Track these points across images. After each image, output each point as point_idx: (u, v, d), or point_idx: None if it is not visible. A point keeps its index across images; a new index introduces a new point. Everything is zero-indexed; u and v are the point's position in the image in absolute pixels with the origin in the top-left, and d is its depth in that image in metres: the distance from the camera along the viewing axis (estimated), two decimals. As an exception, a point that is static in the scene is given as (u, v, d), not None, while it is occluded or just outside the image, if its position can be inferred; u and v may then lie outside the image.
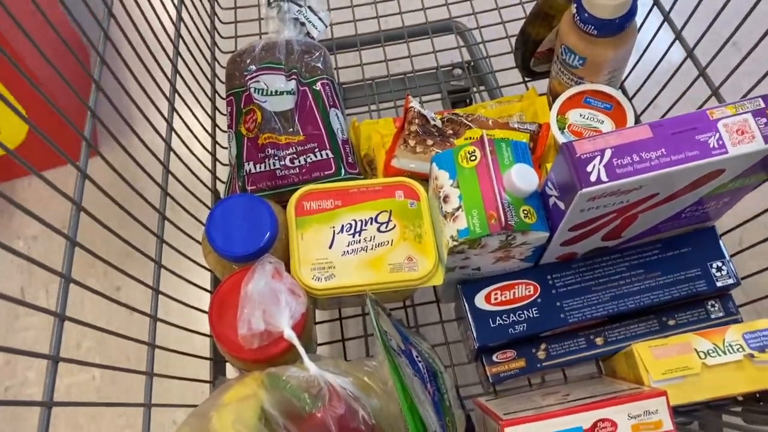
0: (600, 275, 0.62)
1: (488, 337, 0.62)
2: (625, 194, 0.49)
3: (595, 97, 0.69)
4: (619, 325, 0.63)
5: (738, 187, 0.55)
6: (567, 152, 0.48)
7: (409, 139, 0.71)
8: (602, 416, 0.51)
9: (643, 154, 0.47)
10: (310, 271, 0.61)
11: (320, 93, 0.73)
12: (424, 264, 0.62)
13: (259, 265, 0.54)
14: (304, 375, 0.52)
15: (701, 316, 0.62)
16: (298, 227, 0.63)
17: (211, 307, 0.57)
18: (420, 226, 0.64)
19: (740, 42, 0.62)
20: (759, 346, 0.56)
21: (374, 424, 0.51)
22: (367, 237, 0.63)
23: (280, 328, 0.53)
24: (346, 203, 0.64)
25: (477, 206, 0.56)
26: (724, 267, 0.62)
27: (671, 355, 0.56)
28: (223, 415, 0.49)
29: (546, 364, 0.63)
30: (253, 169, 0.71)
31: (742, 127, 0.48)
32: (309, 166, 0.70)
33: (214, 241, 0.60)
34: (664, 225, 0.59)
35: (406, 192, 0.65)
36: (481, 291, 0.63)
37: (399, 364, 0.53)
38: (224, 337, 0.56)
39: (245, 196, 0.62)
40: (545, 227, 0.56)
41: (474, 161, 0.57)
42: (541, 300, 0.62)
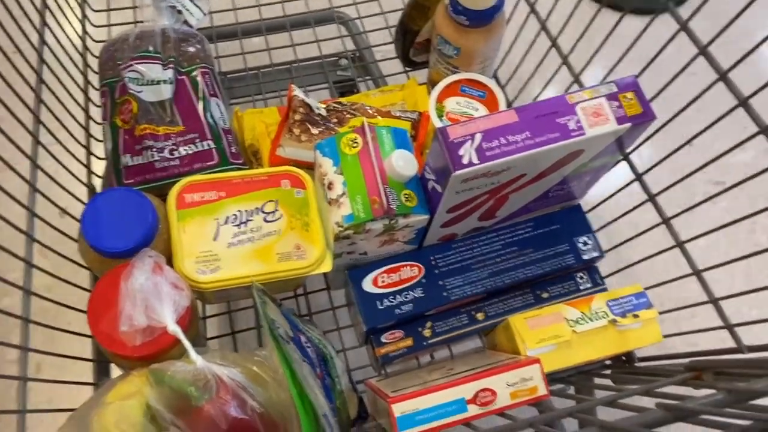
0: (478, 254, 0.65)
1: (376, 319, 0.63)
2: (496, 175, 0.52)
3: (470, 85, 0.73)
4: (497, 300, 0.67)
5: (598, 166, 0.60)
6: (441, 137, 0.51)
7: (293, 128, 0.71)
8: (483, 386, 0.53)
9: (510, 137, 0.50)
10: (194, 264, 0.60)
11: (199, 82, 0.72)
12: (312, 252, 0.62)
13: (138, 260, 0.53)
14: (190, 368, 0.51)
15: (571, 288, 0.67)
16: (180, 220, 0.61)
17: (90, 305, 0.55)
18: (307, 215, 0.64)
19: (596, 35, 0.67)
20: (621, 312, 0.61)
21: (264, 413, 0.51)
22: (254, 227, 0.62)
23: (163, 323, 0.52)
24: (230, 194, 0.63)
25: (360, 192, 0.57)
26: (590, 241, 0.67)
27: (544, 325, 0.60)
28: (105, 415, 0.48)
29: (432, 341, 0.65)
30: (130, 161, 0.68)
31: (597, 110, 0.52)
32: (190, 157, 0.68)
33: (90, 237, 0.57)
34: (534, 204, 0.63)
35: (293, 181, 0.65)
36: (369, 275, 0.65)
37: (287, 351, 0.53)
38: (105, 336, 0.54)
39: (121, 190, 0.60)
40: (425, 210, 0.58)
41: (356, 148, 0.58)
42: (426, 280, 0.65)
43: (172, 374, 0.50)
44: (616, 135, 0.53)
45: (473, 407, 0.53)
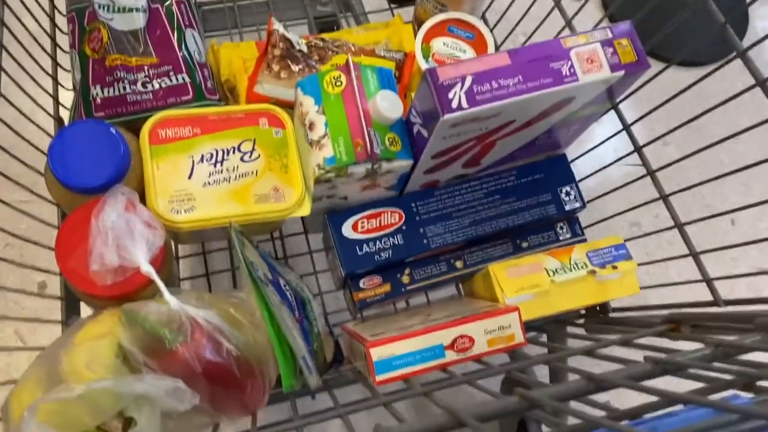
0: (460, 202, 0.64)
1: (355, 265, 0.63)
2: (484, 121, 0.51)
3: (458, 26, 0.70)
4: (477, 248, 0.66)
5: (587, 115, 0.58)
6: (430, 78, 0.49)
7: (272, 63, 0.68)
8: (461, 333, 0.53)
9: (502, 81, 0.49)
10: (168, 203, 0.58)
11: (174, 11, 0.68)
12: (290, 194, 0.61)
13: (110, 196, 0.51)
14: (164, 309, 0.50)
15: (551, 238, 0.67)
16: (153, 156, 0.59)
17: (58, 242, 0.53)
18: (286, 156, 0.62)
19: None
20: (600, 263, 0.61)
21: (239, 355, 0.50)
22: (230, 167, 0.60)
23: (136, 263, 0.50)
24: (205, 131, 0.61)
25: (343, 133, 0.55)
26: (572, 192, 0.66)
27: (523, 274, 0.60)
28: (75, 356, 0.47)
29: (410, 288, 0.65)
30: (100, 93, 0.65)
31: (591, 56, 0.51)
32: (164, 90, 0.65)
33: (57, 171, 0.55)
34: (520, 152, 0.62)
35: (271, 120, 0.63)
36: (348, 220, 0.63)
37: (266, 293, 0.52)
38: (74, 274, 0.52)
39: (92, 122, 0.57)
40: (409, 155, 0.56)
41: (340, 87, 0.56)
42: (406, 227, 0.63)
43: (146, 315, 0.49)
44: (609, 83, 0.52)
45: (451, 353, 0.53)
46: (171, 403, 0.44)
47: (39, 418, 0.39)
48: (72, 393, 0.39)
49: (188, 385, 0.45)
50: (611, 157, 0.66)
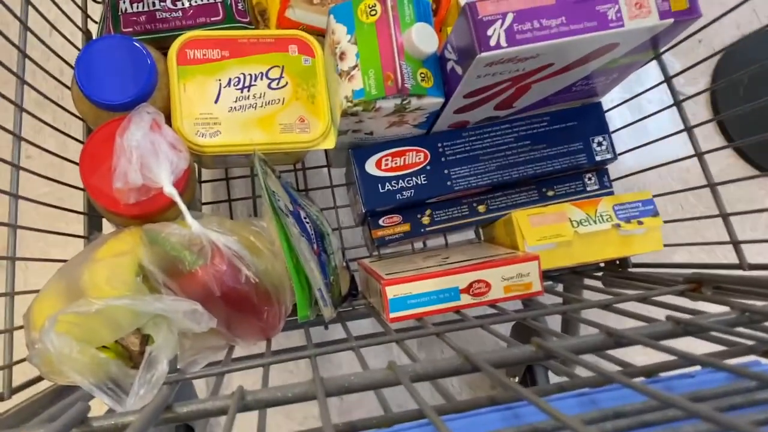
0: (488, 145, 0.63)
1: (376, 202, 0.62)
2: (522, 62, 0.49)
3: (502, -40, 0.67)
4: (501, 194, 0.65)
5: (628, 63, 0.56)
6: (469, 13, 0.47)
7: (305, -12, 0.66)
8: (478, 277, 0.53)
9: (544, 21, 0.46)
10: (194, 126, 0.57)
11: (208, -74, 0.65)
12: (316, 126, 0.60)
13: (135, 114, 0.50)
14: (185, 232, 0.50)
15: (578, 188, 0.66)
16: (181, 77, 0.58)
17: (82, 158, 0.53)
18: (314, 86, 0.61)
19: None
20: (626, 217, 0.60)
21: (258, 283, 0.50)
22: (257, 93, 0.59)
23: (159, 184, 0.50)
24: (234, 54, 0.60)
25: (374, 66, 0.53)
26: (605, 142, 0.64)
27: (547, 223, 0.59)
28: (97, 271, 0.47)
29: (429, 229, 0.65)
30: (129, 8, 0.63)
31: (640, 1, 0.48)
32: (194, 9, 0.63)
33: (84, 86, 0.54)
34: (555, 97, 0.60)
35: (301, 47, 0.61)
36: (372, 156, 0.63)
37: (286, 223, 0.52)
38: (98, 191, 0.52)
39: (120, 38, 0.55)
40: (441, 93, 0.55)
41: (374, 16, 0.54)
42: (430, 167, 0.62)
43: (167, 236, 0.49)
44: (656, 30, 0.49)
45: (466, 297, 0.53)
46: (188, 324, 0.44)
47: (58, 329, 0.40)
48: (91, 307, 0.40)
49: (206, 307, 0.46)
50: (648, 109, 0.64)
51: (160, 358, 0.41)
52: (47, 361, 0.40)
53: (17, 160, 0.53)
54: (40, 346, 0.39)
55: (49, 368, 0.40)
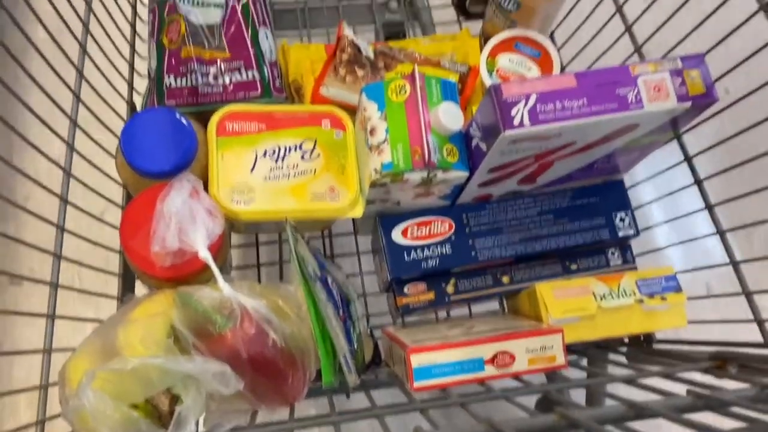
0: (512, 217, 0.65)
1: (402, 270, 0.63)
2: (545, 140, 0.51)
3: (526, 43, 0.70)
4: (525, 265, 0.66)
5: (648, 143, 0.58)
6: (494, 94, 0.49)
7: (339, 67, 0.70)
8: (503, 348, 0.54)
9: (566, 103, 0.49)
10: (230, 193, 0.60)
11: (250, 9, 0.70)
12: (345, 195, 0.62)
13: (176, 182, 0.53)
14: (216, 295, 0.52)
15: (601, 263, 0.67)
16: (219, 148, 0.61)
17: (123, 221, 0.55)
18: (344, 158, 0.63)
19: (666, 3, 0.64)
20: (649, 292, 0.60)
21: (284, 347, 0.52)
22: (291, 164, 0.62)
23: (195, 248, 0.52)
24: (270, 127, 0.63)
25: (402, 140, 0.56)
26: (627, 218, 0.65)
27: (570, 296, 0.60)
28: (131, 331, 0.49)
29: (454, 298, 0.65)
30: (173, 83, 0.68)
31: (659, 85, 0.50)
32: (234, 85, 0.67)
33: (128, 154, 0.57)
34: (577, 174, 0.61)
35: (333, 122, 0.65)
36: (399, 225, 0.64)
37: (314, 288, 0.54)
38: (135, 254, 0.55)
39: (164, 110, 0.59)
40: (466, 167, 0.57)
41: (404, 95, 0.57)
42: (455, 237, 0.64)
43: (199, 299, 0.51)
44: (675, 113, 0.51)
45: (490, 368, 0.53)
46: (216, 385, 0.45)
47: (94, 386, 0.41)
48: (126, 365, 0.42)
49: (233, 370, 0.47)
50: (670, 187, 0.65)
51: (189, 419, 0.42)
52: (81, 417, 0.41)
53: (62, 222, 0.56)
54: (76, 402, 0.41)
55: (82, 425, 0.42)
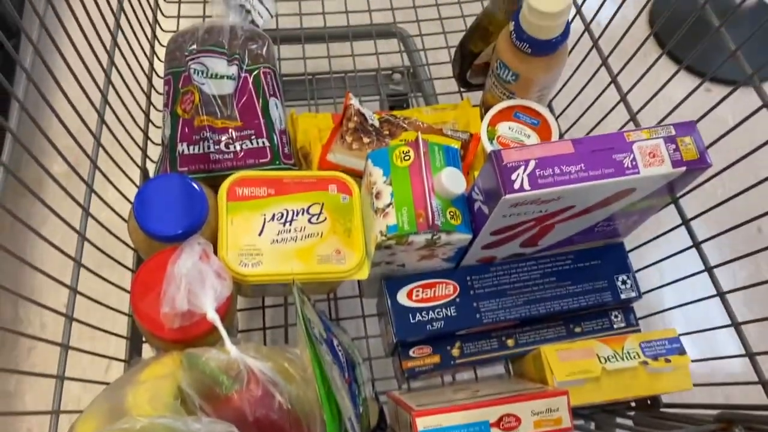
0: (516, 280, 0.66)
1: (407, 333, 0.64)
2: (545, 204, 0.53)
3: (524, 112, 0.73)
4: (529, 328, 0.67)
5: (646, 207, 0.59)
6: (495, 159, 0.51)
7: (346, 135, 0.73)
8: (508, 411, 0.54)
9: (564, 168, 0.51)
10: (238, 256, 0.61)
11: (261, 81, 0.73)
12: (351, 257, 0.63)
13: (187, 245, 0.54)
14: (224, 357, 0.52)
15: (605, 326, 0.67)
16: (229, 212, 0.63)
17: (134, 284, 0.56)
18: (350, 221, 0.65)
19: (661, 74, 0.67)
20: (653, 354, 0.61)
21: (290, 409, 0.52)
22: (298, 227, 0.64)
23: (203, 309, 0.53)
24: (279, 192, 0.65)
25: (407, 204, 0.58)
26: (629, 281, 0.66)
27: (575, 359, 0.60)
28: (140, 393, 0.49)
29: (459, 361, 0.66)
30: (186, 150, 0.70)
31: (653, 151, 0.52)
32: (244, 152, 0.70)
33: (141, 218, 0.59)
34: (578, 237, 0.63)
35: (340, 186, 0.67)
36: (404, 287, 0.65)
37: (320, 351, 0.54)
38: (145, 316, 0.56)
39: (176, 176, 0.61)
40: (469, 230, 0.59)
41: (408, 161, 0.59)
42: (460, 300, 0.65)
43: (206, 360, 0.52)
44: (670, 178, 0.53)
45: (496, 431, 0.53)
46: (222, 447, 0.45)
47: (102, 447, 0.41)
48: (135, 425, 0.42)
49: None
50: (669, 249, 0.66)
51: (195, 481, 0.42)
52: (87, 479, 0.41)
53: (75, 284, 0.57)
54: (82, 463, 0.41)
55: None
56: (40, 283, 1.10)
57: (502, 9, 0.73)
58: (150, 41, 0.85)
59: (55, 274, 0.55)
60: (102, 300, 0.61)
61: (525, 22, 0.67)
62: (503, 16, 0.74)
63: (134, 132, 0.76)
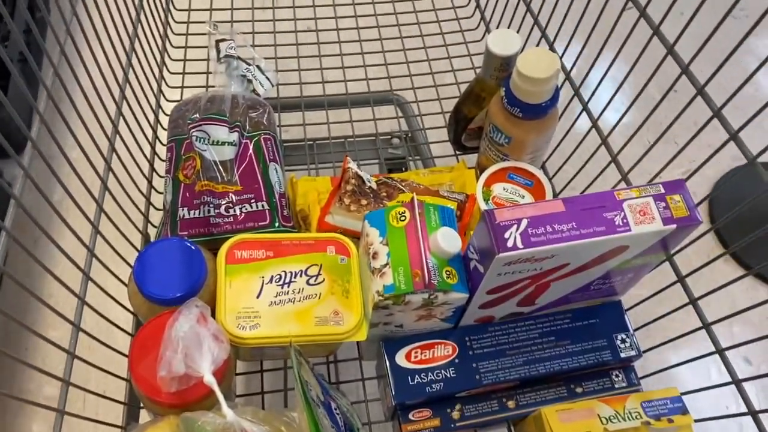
0: (514, 340, 0.65)
1: (406, 395, 0.63)
2: (539, 262, 0.53)
3: (518, 173, 0.75)
4: (530, 389, 0.66)
5: (641, 264, 0.60)
6: (488, 219, 0.52)
7: (344, 197, 0.74)
8: (509, 474, 0.53)
9: (556, 226, 0.52)
10: (236, 319, 0.62)
11: (261, 146, 0.76)
12: (349, 319, 0.64)
13: (185, 308, 0.55)
14: (220, 421, 0.52)
15: (606, 385, 0.66)
16: (228, 275, 0.64)
17: (132, 349, 0.57)
18: (348, 282, 0.66)
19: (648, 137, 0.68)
20: (655, 414, 0.60)
21: (287, 474, 0.51)
22: (296, 289, 0.64)
23: (200, 373, 0.53)
24: (277, 254, 0.66)
25: (403, 264, 0.58)
26: (628, 339, 0.66)
27: (576, 420, 0.59)
28: (135, 458, 0.49)
29: (460, 424, 0.65)
30: (186, 214, 0.72)
31: (644, 209, 0.53)
32: (244, 216, 0.71)
33: (141, 282, 0.60)
34: (575, 295, 0.63)
35: (338, 248, 0.67)
36: (402, 349, 0.65)
37: (317, 415, 0.54)
38: (142, 380, 0.55)
39: (176, 240, 0.62)
40: (465, 288, 0.59)
41: (404, 221, 0.60)
42: (459, 360, 0.65)
43: (203, 425, 0.51)
44: (661, 235, 0.54)
45: (498, 495, 0.52)
46: None
47: None
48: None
49: (234, 499, 0.46)
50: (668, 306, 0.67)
51: None
52: None
53: (73, 349, 0.57)
54: None
55: None
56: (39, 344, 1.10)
57: (494, 76, 0.76)
58: (154, 111, 0.88)
59: (56, 335, 0.55)
60: (101, 366, 0.61)
61: (515, 88, 0.69)
62: (494, 83, 0.76)
63: (136, 197, 0.77)
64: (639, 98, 0.69)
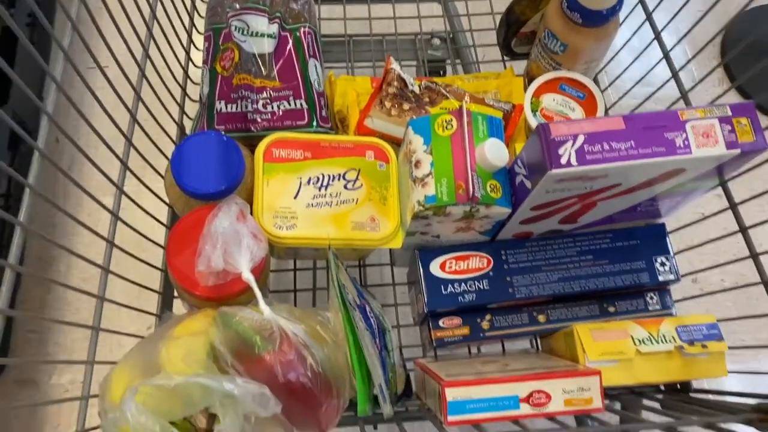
0: (551, 256, 0.64)
1: (438, 303, 0.64)
2: (591, 180, 0.51)
3: (570, 84, 0.71)
4: (562, 305, 0.66)
5: (692, 188, 0.58)
6: (542, 133, 0.50)
7: (385, 100, 0.72)
8: (538, 387, 0.53)
9: (614, 144, 0.49)
10: (273, 218, 0.61)
11: (301, 41, 0.72)
12: (386, 226, 0.63)
13: (225, 204, 0.54)
14: (257, 317, 0.52)
15: (639, 307, 0.66)
16: (265, 173, 0.63)
17: (170, 241, 0.57)
18: (386, 189, 0.64)
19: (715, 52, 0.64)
20: (689, 339, 0.60)
21: (321, 373, 0.52)
22: (333, 192, 0.63)
23: (238, 269, 0.53)
24: (315, 156, 0.64)
25: (447, 175, 0.57)
26: (668, 263, 0.65)
27: (609, 339, 0.59)
28: (174, 348, 0.50)
29: (489, 334, 0.65)
30: (224, 108, 0.70)
31: (707, 131, 0.50)
32: (282, 113, 0.69)
33: (179, 176, 0.59)
34: (619, 216, 0.61)
35: (377, 153, 0.66)
36: (437, 258, 0.65)
37: (353, 317, 0.54)
38: (179, 272, 0.56)
39: (215, 134, 0.61)
40: (508, 203, 0.57)
41: (450, 130, 0.58)
42: (493, 273, 0.64)
43: (240, 320, 0.52)
44: (722, 159, 0.51)
45: (525, 406, 0.53)
46: (254, 407, 0.46)
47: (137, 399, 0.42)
48: (170, 382, 0.42)
49: (270, 393, 0.47)
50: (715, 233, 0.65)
51: (227, 439, 0.42)
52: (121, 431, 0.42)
53: (112, 237, 0.57)
54: (117, 414, 0.41)
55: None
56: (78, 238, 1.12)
57: (554, -24, 0.70)
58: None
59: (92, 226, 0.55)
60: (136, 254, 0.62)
61: (578, -9, 0.64)
62: (554, -17, 0.71)
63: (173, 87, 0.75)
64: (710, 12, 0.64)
